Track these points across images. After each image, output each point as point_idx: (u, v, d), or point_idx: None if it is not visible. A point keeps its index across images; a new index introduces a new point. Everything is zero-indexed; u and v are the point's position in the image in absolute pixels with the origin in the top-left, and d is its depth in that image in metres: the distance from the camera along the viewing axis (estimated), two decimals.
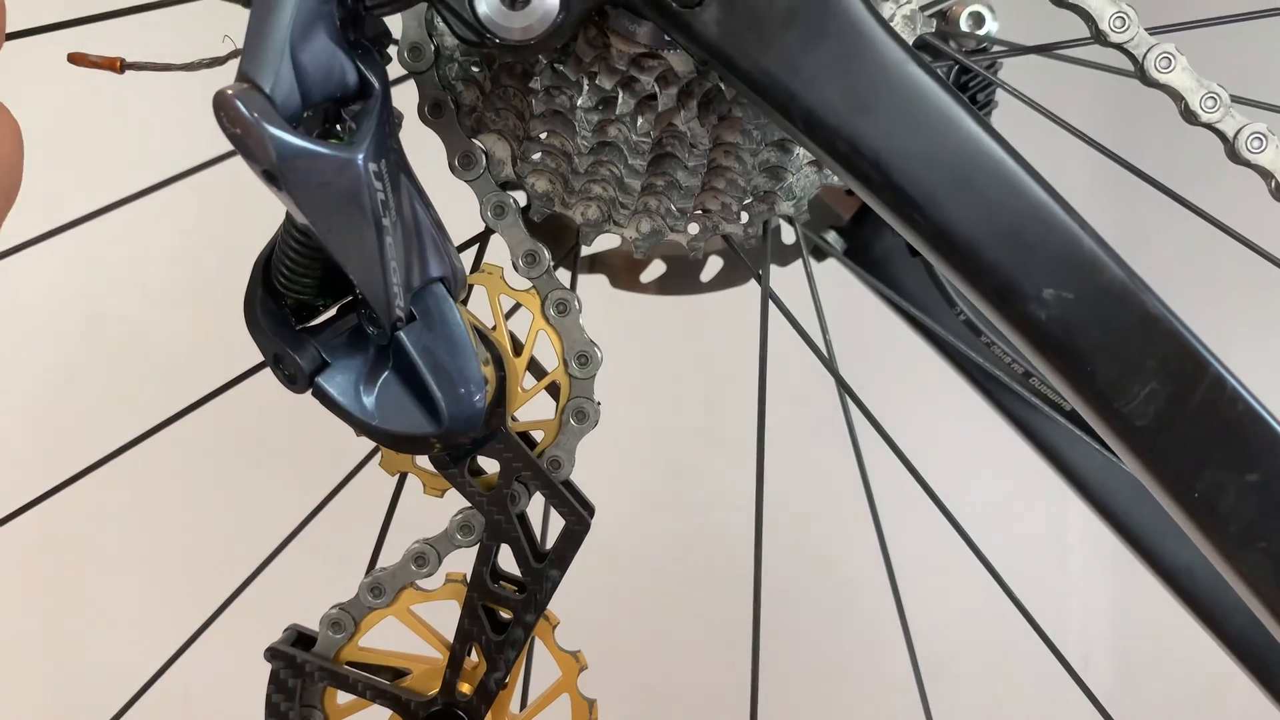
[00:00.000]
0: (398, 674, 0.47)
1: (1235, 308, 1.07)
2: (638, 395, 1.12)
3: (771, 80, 0.38)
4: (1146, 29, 0.45)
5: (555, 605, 0.48)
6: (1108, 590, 1.33)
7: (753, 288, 0.65)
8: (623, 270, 0.62)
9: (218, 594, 0.58)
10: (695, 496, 1.23)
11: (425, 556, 0.46)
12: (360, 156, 0.35)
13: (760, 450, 0.53)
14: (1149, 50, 0.45)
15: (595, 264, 0.62)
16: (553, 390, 0.47)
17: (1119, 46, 0.45)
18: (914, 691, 0.67)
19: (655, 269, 0.63)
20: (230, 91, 0.33)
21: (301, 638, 0.48)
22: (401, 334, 0.38)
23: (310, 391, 0.39)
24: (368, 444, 0.55)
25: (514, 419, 0.47)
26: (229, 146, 0.35)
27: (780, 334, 0.54)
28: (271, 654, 0.46)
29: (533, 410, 0.47)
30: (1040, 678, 1.28)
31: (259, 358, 0.55)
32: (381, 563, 0.49)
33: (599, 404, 0.46)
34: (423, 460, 0.46)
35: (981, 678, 1.27)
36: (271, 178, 0.34)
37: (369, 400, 0.39)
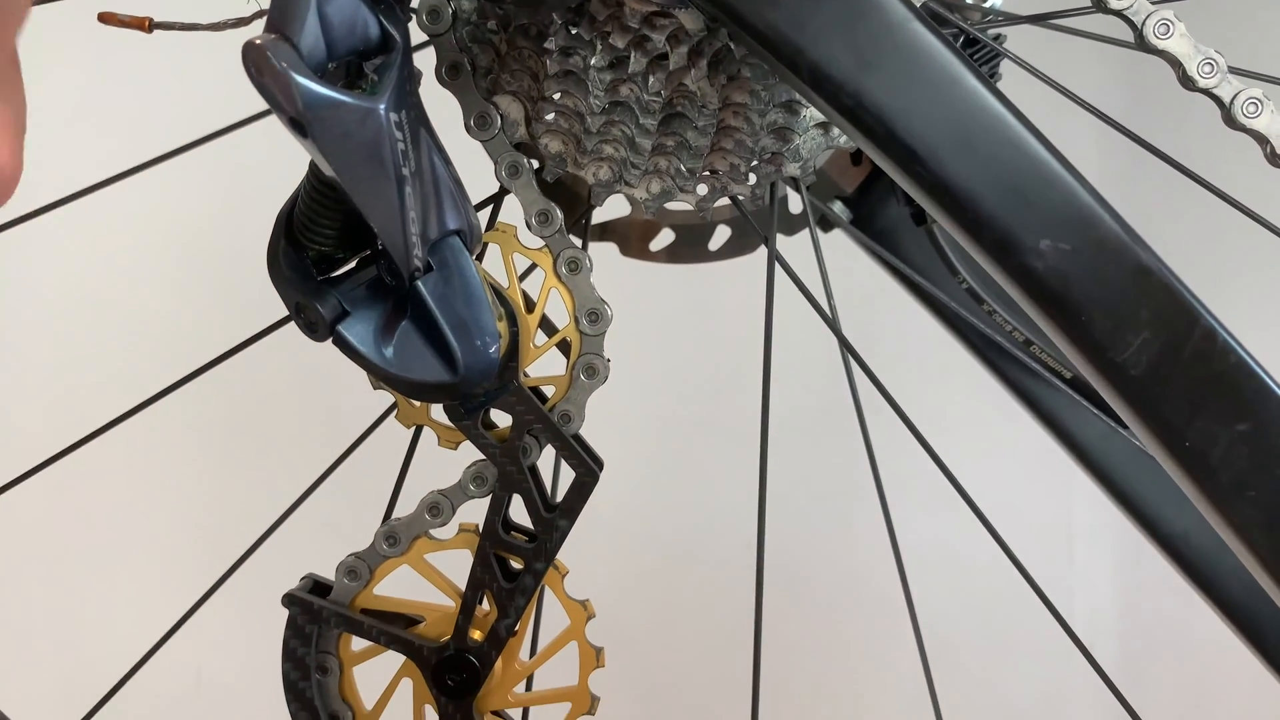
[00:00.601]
0: (410, 621, 0.49)
1: (1244, 286, 1.08)
2: (641, 380, 1.13)
3: (779, 36, 0.39)
4: None
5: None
6: (1112, 579, 1.33)
7: (757, 263, 0.66)
8: (633, 238, 0.63)
9: (217, 570, 0.59)
10: (698, 482, 1.25)
11: (439, 506, 0.48)
12: (382, 106, 0.37)
13: (764, 426, 0.54)
14: (1148, 17, 0.46)
15: (605, 232, 0.64)
16: (563, 347, 0.49)
17: (1119, 13, 0.47)
18: (919, 678, 0.68)
19: (664, 238, 0.64)
20: (259, 42, 0.35)
21: (318, 585, 0.49)
22: (419, 283, 0.40)
23: (331, 339, 0.40)
24: (372, 418, 0.56)
25: (526, 374, 0.48)
26: (230, 121, 0.36)
27: (784, 322, 0.55)
28: (289, 600, 0.48)
29: (544, 366, 0.49)
30: (1045, 658, 1.29)
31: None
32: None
33: (608, 360, 0.47)
34: (438, 414, 0.47)
35: (986, 663, 1.28)
36: (298, 126, 0.35)
37: (388, 349, 0.40)
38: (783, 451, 0.57)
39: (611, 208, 0.58)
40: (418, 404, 0.48)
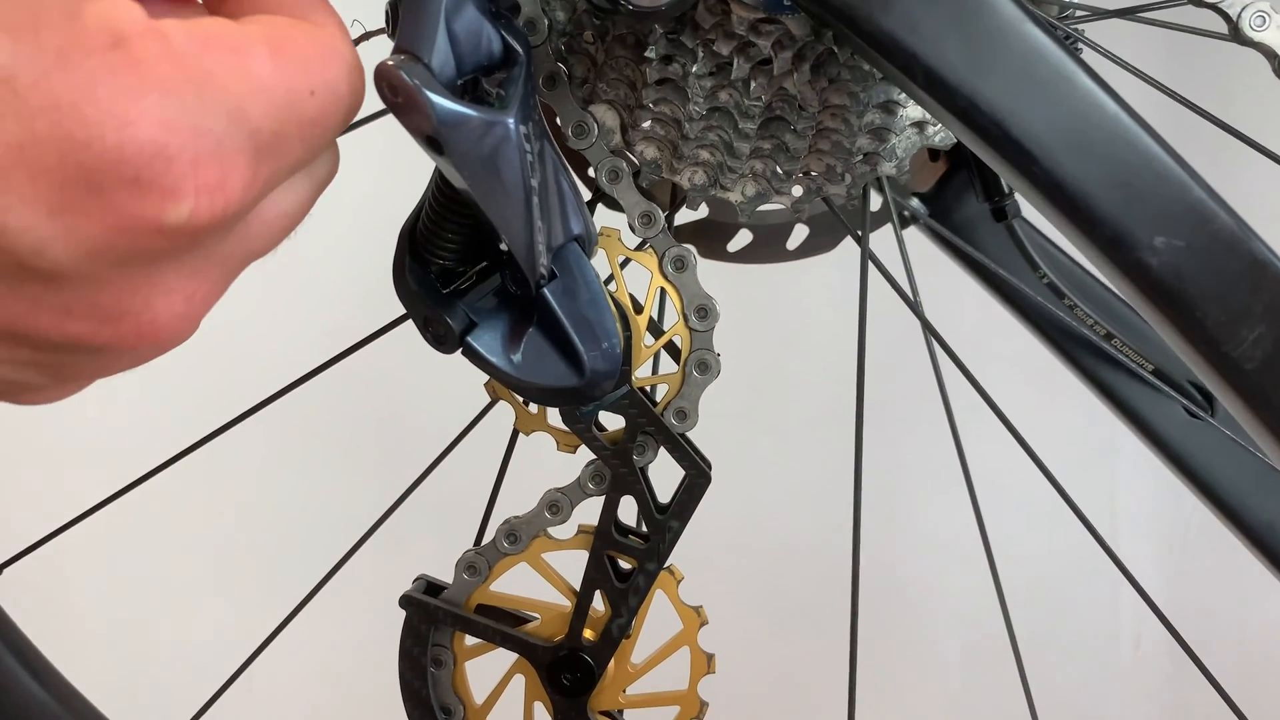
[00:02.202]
0: (521, 620, 0.50)
1: None
2: None
3: (893, 40, 0.40)
4: None
5: None
6: (1158, 571, 1.34)
7: (813, 263, 0.67)
8: (712, 240, 0.64)
9: (278, 581, 0.60)
10: (739, 481, 1.25)
11: (558, 504, 0.49)
12: (512, 120, 0.37)
13: (859, 423, 0.55)
14: (1244, 9, 0.47)
15: (680, 234, 0.64)
16: (669, 348, 0.49)
17: (1213, 6, 0.47)
18: (963, 671, 0.68)
19: (741, 238, 0.65)
20: (392, 63, 0.35)
21: (431, 586, 0.50)
22: (546, 290, 0.40)
23: (460, 351, 0.41)
24: (435, 439, 0.57)
25: (637, 375, 0.49)
26: None
27: (820, 318, 0.56)
28: (406, 601, 0.49)
29: (648, 367, 0.49)
30: (1090, 650, 1.30)
31: (325, 354, 0.57)
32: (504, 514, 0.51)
33: (719, 355, 0.48)
34: (554, 419, 0.48)
35: (1029, 655, 1.28)
36: (433, 143, 0.36)
37: (515, 356, 0.41)
38: (822, 446, 0.58)
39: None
40: (536, 411, 0.48)
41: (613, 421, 0.48)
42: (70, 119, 0.27)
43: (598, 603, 0.50)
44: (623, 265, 0.49)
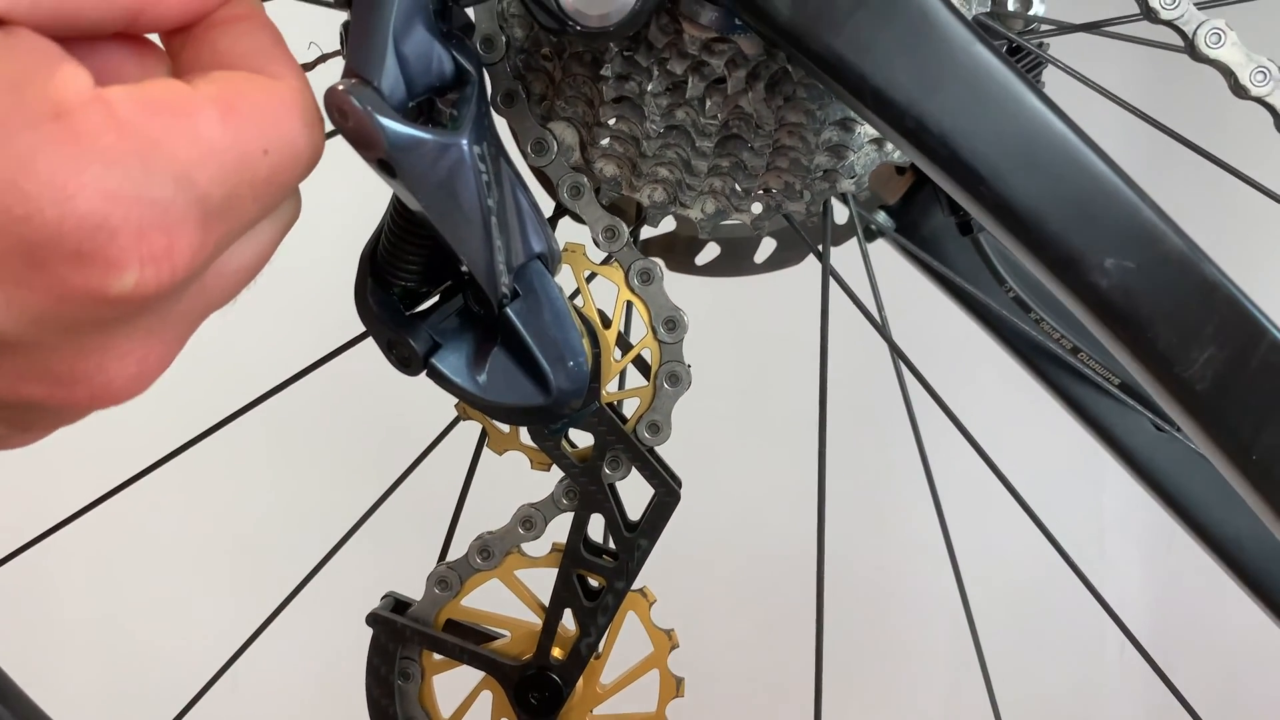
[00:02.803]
0: (489, 637, 0.49)
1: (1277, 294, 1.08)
2: None
3: (842, 61, 0.40)
4: (1196, 4, 0.47)
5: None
6: (1143, 574, 1.34)
7: (798, 273, 0.66)
8: (678, 253, 0.64)
9: (263, 583, 0.60)
10: (733, 484, 1.25)
11: (532, 520, 0.49)
12: (465, 141, 0.37)
13: (822, 432, 0.55)
14: (1199, 26, 0.46)
15: (649, 247, 0.64)
16: (638, 362, 0.49)
17: (1169, 23, 0.47)
18: (954, 671, 0.68)
19: (709, 252, 0.64)
20: (341, 87, 0.35)
21: (399, 604, 0.50)
22: (508, 310, 0.40)
23: (425, 373, 0.41)
24: (418, 442, 0.57)
25: (606, 391, 0.49)
26: None
27: (812, 322, 0.56)
28: (372, 619, 0.49)
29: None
30: (1079, 649, 1.30)
31: (305, 359, 0.57)
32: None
33: (689, 366, 0.48)
34: (527, 438, 0.48)
35: (1019, 655, 1.28)
36: (385, 167, 0.36)
37: (481, 377, 0.41)
38: (812, 449, 0.58)
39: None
40: (508, 430, 0.48)
41: (584, 438, 0.48)
42: (9, 194, 0.27)
43: (569, 620, 0.49)
44: (589, 279, 0.49)
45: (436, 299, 0.43)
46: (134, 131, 0.28)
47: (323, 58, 0.43)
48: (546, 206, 0.52)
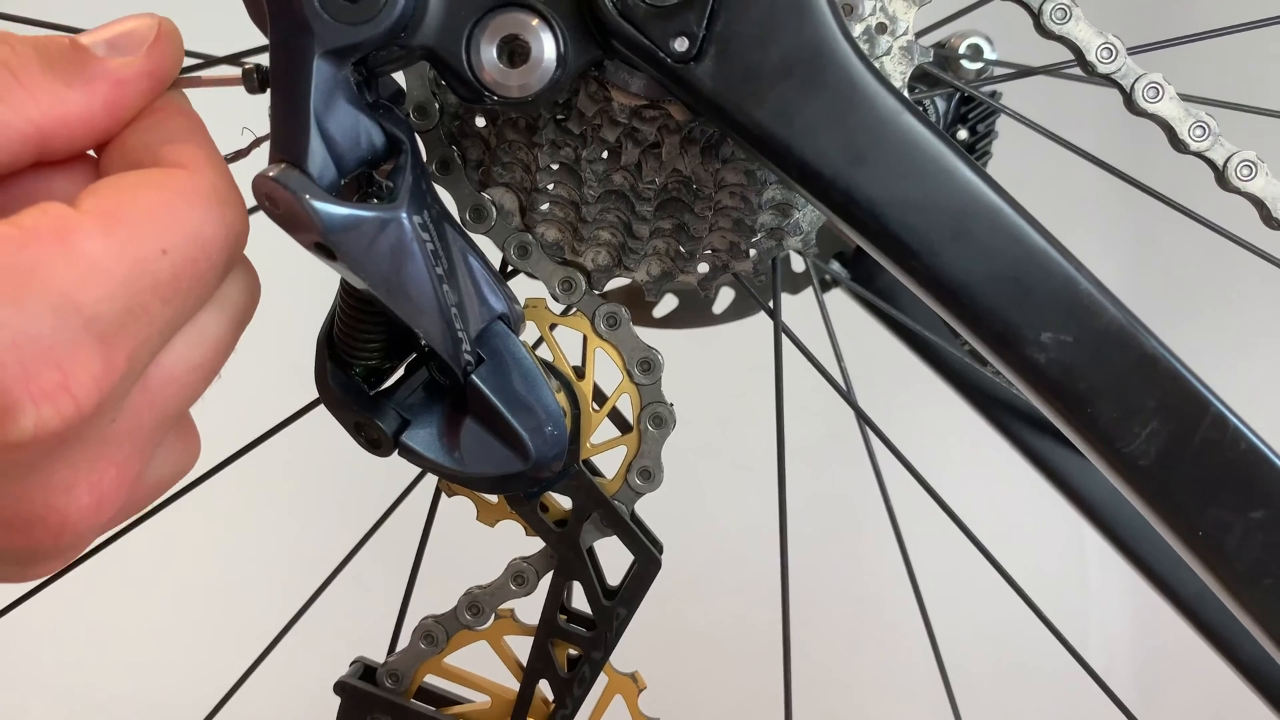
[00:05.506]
0: (459, 703, 0.48)
1: (1248, 314, 1.07)
2: None
3: (767, 133, 0.39)
4: (1131, 49, 0.46)
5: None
6: (1127, 603, 1.32)
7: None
8: (636, 305, 0.63)
9: (238, 624, 0.59)
10: (707, 516, 1.24)
11: (524, 575, 0.47)
12: (403, 213, 0.36)
13: (781, 478, 0.53)
14: (1136, 80, 0.45)
15: (606, 299, 0.63)
16: (614, 415, 0.48)
17: (1107, 78, 0.46)
18: (932, 705, 0.67)
19: (667, 303, 0.63)
20: (269, 174, 0.34)
21: (367, 670, 0.49)
22: (474, 377, 0.39)
23: (397, 452, 0.40)
24: (402, 478, 0.56)
25: (590, 444, 0.47)
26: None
27: (792, 352, 0.55)
28: (340, 688, 0.47)
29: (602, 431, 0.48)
30: (1061, 684, 1.28)
31: (296, 400, 0.56)
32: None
33: (672, 405, 0.46)
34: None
35: (1001, 690, 1.27)
36: (323, 249, 0.34)
37: (455, 450, 0.39)
38: (790, 484, 0.57)
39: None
40: (496, 500, 0.47)
41: (564, 499, 0.47)
42: None
43: (548, 689, 0.48)
44: (553, 330, 0.48)
45: (401, 373, 0.42)
46: (3, 267, 0.27)
47: (256, 142, 0.41)
48: (501, 264, 0.51)
